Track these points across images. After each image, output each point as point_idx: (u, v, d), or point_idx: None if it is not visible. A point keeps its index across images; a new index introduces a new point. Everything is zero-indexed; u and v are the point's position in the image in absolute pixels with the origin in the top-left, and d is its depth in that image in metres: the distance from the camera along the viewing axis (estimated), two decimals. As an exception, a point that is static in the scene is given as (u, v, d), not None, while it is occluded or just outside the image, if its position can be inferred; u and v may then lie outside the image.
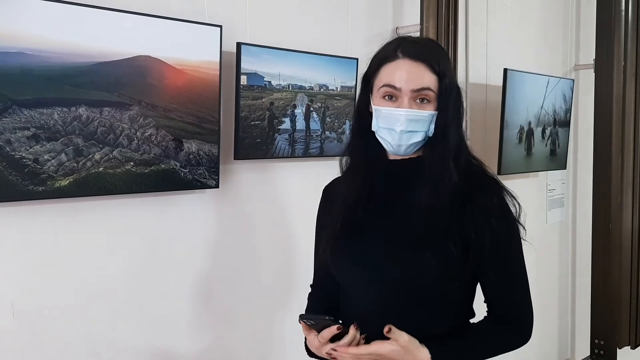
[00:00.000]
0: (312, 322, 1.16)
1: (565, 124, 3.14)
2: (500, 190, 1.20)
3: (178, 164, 1.71)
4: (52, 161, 1.47)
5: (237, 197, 1.97)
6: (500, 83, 2.65)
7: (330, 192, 1.36)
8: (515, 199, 1.20)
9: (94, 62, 1.51)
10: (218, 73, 1.75)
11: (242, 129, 1.86)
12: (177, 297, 1.83)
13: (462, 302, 1.24)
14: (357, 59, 2.10)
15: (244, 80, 1.85)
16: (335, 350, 1.13)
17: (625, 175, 3.18)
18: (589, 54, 3.34)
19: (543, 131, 2.96)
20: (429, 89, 1.15)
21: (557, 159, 3.13)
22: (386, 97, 1.17)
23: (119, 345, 1.70)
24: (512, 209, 1.19)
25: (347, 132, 2.11)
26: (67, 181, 1.50)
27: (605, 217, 3.17)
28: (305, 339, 1.23)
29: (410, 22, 2.39)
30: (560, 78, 3.09)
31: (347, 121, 2.15)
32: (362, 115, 1.24)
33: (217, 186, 1.81)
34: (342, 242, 1.23)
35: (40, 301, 1.55)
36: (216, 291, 1.93)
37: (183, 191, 1.78)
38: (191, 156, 1.73)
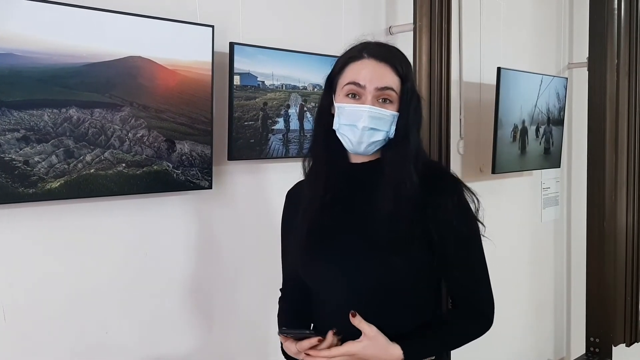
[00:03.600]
0: (292, 334, 1.20)
1: (559, 122, 3.15)
2: (459, 188, 1.23)
3: (170, 165, 1.70)
4: (43, 163, 1.46)
5: (230, 198, 1.95)
6: (494, 82, 2.65)
7: (294, 197, 1.38)
8: (474, 195, 1.24)
9: (84, 63, 1.50)
10: (210, 73, 1.74)
11: (235, 129, 1.85)
12: (170, 299, 1.82)
13: (430, 300, 1.27)
14: (350, 59, 2.09)
15: (237, 80, 1.84)
16: (308, 354, 1.17)
17: (619, 173, 3.18)
18: (582, 53, 3.35)
19: (537, 130, 2.96)
20: (391, 89, 1.18)
21: (551, 158, 3.14)
22: (350, 95, 1.19)
23: (112, 348, 1.68)
24: (472, 206, 1.23)
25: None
26: (58, 183, 1.48)
27: (600, 215, 3.18)
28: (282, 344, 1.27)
29: (404, 22, 2.39)
30: (554, 76, 3.09)
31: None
32: (324, 116, 1.25)
33: (210, 187, 1.80)
34: (310, 247, 1.25)
35: (31, 304, 1.53)
36: (210, 292, 1.92)
37: (176, 192, 1.77)
38: (184, 157, 1.72)
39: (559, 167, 3.30)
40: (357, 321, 1.15)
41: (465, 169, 2.81)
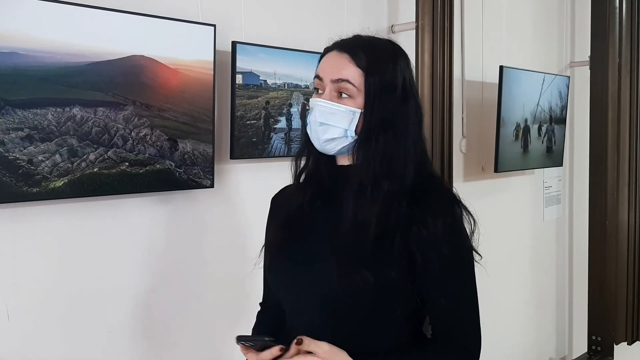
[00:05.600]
0: (250, 343, 1.09)
1: (561, 121, 3.14)
2: (456, 209, 1.10)
3: (173, 164, 1.70)
4: (47, 162, 1.46)
5: (232, 197, 1.96)
6: (496, 80, 2.65)
7: (277, 202, 1.32)
8: (472, 216, 1.12)
9: (87, 62, 1.50)
10: (212, 72, 1.74)
11: (237, 128, 1.85)
12: (174, 297, 1.82)
13: (405, 324, 1.13)
14: (352, 58, 2.09)
15: (239, 79, 1.84)
16: None
17: (621, 172, 3.18)
18: (584, 51, 3.34)
19: (539, 128, 2.96)
20: (347, 81, 1.08)
21: (553, 156, 3.14)
22: (317, 90, 1.13)
23: (116, 348, 1.69)
24: (467, 228, 1.11)
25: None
26: (62, 182, 1.49)
27: (602, 214, 3.17)
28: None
29: (406, 20, 2.39)
30: (556, 75, 3.09)
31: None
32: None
33: (212, 186, 1.80)
34: (281, 250, 1.18)
35: (34, 303, 1.54)
36: (212, 290, 1.92)
37: (178, 191, 1.77)
38: (186, 156, 1.72)
39: (561, 165, 3.30)
40: (306, 345, 1.01)
41: (468, 168, 2.81)
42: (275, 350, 1.03)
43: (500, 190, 3.03)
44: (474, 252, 1.12)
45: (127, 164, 1.60)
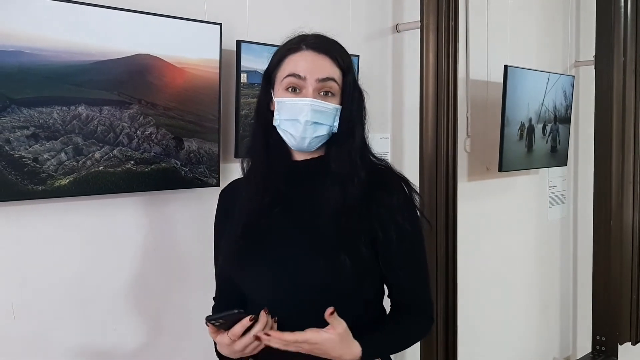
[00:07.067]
0: (220, 321, 1.10)
1: (566, 120, 3.14)
2: (404, 185, 1.21)
3: (179, 163, 1.70)
4: (52, 160, 1.46)
5: (237, 196, 1.96)
6: (501, 80, 2.64)
7: (228, 197, 1.34)
8: (416, 192, 1.23)
9: (93, 61, 1.50)
10: (218, 71, 1.74)
11: (242, 127, 1.85)
12: (180, 295, 1.82)
13: (374, 301, 1.24)
14: (357, 56, 2.09)
15: (244, 78, 1.84)
16: (268, 335, 1.07)
17: (625, 172, 3.18)
18: (589, 51, 3.34)
19: (544, 128, 2.96)
20: (333, 80, 1.15)
21: (557, 156, 3.13)
22: (290, 89, 1.16)
23: (121, 346, 1.69)
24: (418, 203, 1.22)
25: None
26: (67, 180, 1.49)
27: (606, 214, 3.17)
28: (215, 343, 1.20)
29: (411, 19, 2.38)
30: (561, 74, 3.08)
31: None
32: (263, 113, 1.21)
33: (217, 184, 1.80)
34: (247, 249, 1.19)
35: (40, 301, 1.54)
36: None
37: (184, 190, 1.77)
38: (192, 155, 1.72)
39: (566, 165, 3.29)
40: (333, 317, 1.08)
41: (472, 167, 2.81)
42: (245, 321, 1.08)
43: (505, 189, 3.02)
44: (424, 222, 1.24)
45: (132, 162, 1.60)
